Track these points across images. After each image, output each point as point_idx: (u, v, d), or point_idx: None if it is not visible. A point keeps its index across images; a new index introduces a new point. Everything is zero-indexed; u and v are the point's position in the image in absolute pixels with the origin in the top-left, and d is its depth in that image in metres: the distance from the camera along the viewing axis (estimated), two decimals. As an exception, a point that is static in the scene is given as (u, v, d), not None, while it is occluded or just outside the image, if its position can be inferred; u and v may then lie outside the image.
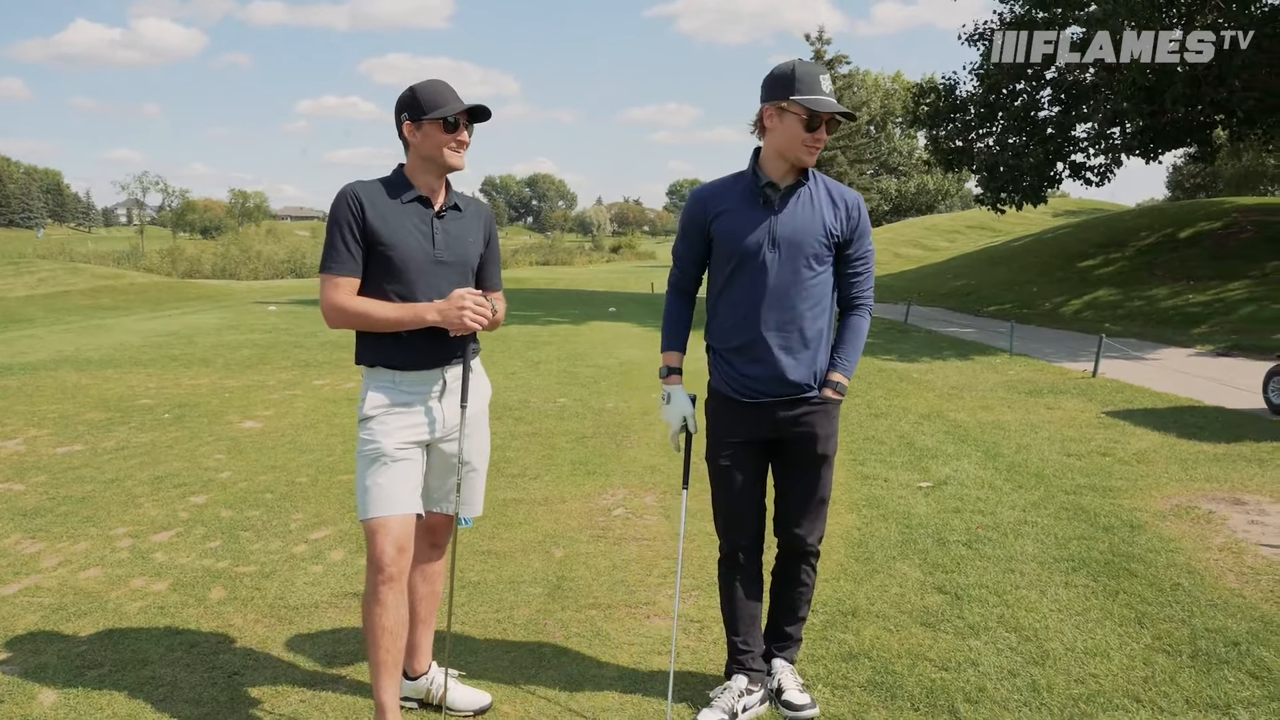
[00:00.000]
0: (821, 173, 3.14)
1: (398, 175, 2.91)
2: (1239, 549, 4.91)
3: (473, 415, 3.02)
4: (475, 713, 3.15)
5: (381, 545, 2.77)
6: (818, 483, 3.18)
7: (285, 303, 25.33)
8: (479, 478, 3.12)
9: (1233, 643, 3.70)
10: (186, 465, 6.58)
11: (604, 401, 9.47)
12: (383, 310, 2.78)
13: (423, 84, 2.83)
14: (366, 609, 2.82)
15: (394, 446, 2.82)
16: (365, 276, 2.82)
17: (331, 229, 2.80)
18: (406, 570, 2.85)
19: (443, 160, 2.84)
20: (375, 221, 2.78)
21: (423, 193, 2.89)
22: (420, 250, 2.84)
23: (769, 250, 3.01)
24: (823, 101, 2.89)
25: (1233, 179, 50.86)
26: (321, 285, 2.81)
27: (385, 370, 2.87)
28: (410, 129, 2.83)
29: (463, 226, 2.96)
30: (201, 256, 52.03)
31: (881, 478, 6.45)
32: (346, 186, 2.82)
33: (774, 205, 3.02)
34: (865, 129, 68.97)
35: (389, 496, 2.79)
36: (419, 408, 2.89)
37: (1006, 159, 23.63)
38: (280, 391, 9.89)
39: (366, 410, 2.85)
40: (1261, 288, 20.22)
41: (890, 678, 3.42)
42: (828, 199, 3.07)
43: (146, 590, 4.25)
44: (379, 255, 2.80)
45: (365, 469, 2.82)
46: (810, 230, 3.02)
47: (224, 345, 14.15)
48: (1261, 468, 6.78)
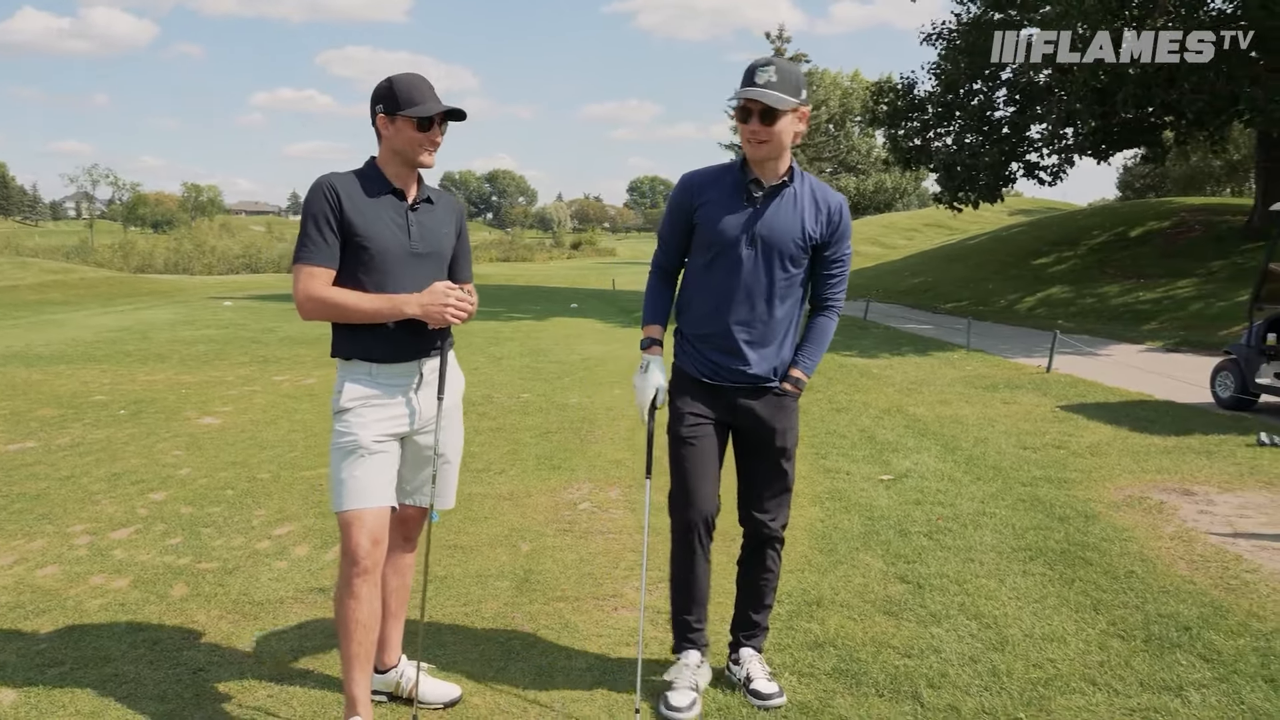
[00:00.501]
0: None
1: (370, 168, 2.89)
2: (1189, 538, 5.05)
3: (449, 407, 3.02)
4: (445, 705, 3.15)
5: (357, 538, 2.76)
6: (778, 472, 3.24)
7: (241, 298, 24.98)
8: (452, 470, 3.13)
9: (1184, 627, 3.81)
10: (144, 462, 6.48)
11: (567, 397, 9.47)
12: (360, 302, 2.76)
13: (401, 78, 2.82)
14: (340, 602, 2.81)
15: (371, 439, 2.81)
16: (340, 268, 2.80)
17: (307, 220, 2.77)
18: (381, 563, 2.85)
19: (413, 157, 2.84)
20: (352, 213, 2.77)
21: (396, 185, 2.88)
22: (396, 242, 2.83)
23: (747, 247, 3.05)
24: (749, 91, 2.92)
25: (1180, 179, 51.99)
26: (296, 276, 2.77)
27: (362, 362, 2.85)
28: (384, 122, 2.82)
29: (436, 219, 2.96)
30: (154, 251, 51.08)
31: (844, 471, 6.54)
32: (322, 178, 2.80)
33: (757, 203, 3.06)
34: (824, 128, 69.48)
35: (365, 489, 2.78)
36: (396, 400, 2.88)
37: (963, 158, 23.95)
38: (239, 387, 9.76)
39: (343, 403, 2.83)
40: (1209, 285, 20.73)
41: (855, 665, 3.47)
42: (811, 201, 3.11)
43: (106, 588, 4.19)
44: (355, 247, 2.78)
45: (340, 461, 2.80)
46: (789, 232, 3.06)
47: (179, 341, 13.93)
48: (1210, 459, 6.97)
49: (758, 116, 2.95)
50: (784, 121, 2.97)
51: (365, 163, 2.92)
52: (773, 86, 2.93)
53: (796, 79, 2.98)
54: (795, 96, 2.95)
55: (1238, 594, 4.22)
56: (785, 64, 2.99)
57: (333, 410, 2.87)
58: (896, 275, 35.07)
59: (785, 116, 2.97)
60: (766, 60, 2.98)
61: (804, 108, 3.03)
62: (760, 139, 2.98)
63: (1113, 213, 35.90)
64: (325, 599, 4.09)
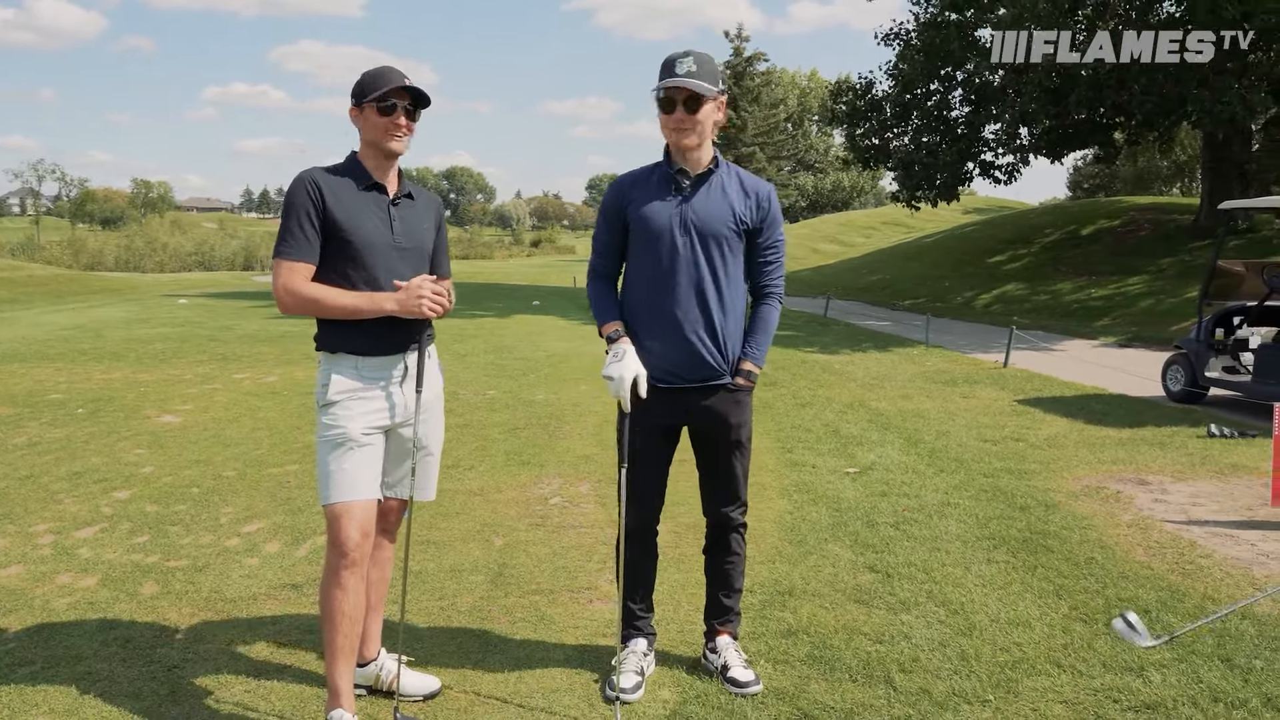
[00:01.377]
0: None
1: (352, 162, 2.92)
2: (1146, 525, 5.20)
3: (430, 400, 3.04)
4: (425, 697, 3.17)
5: (346, 530, 2.77)
6: (736, 463, 3.31)
7: (196, 295, 24.59)
8: (434, 463, 3.15)
9: (1143, 610, 3.93)
10: (106, 460, 6.38)
11: (534, 394, 9.48)
12: (340, 298, 2.78)
13: (370, 69, 2.88)
14: (326, 593, 2.81)
15: (359, 431, 2.82)
16: (323, 262, 2.81)
17: (288, 214, 2.77)
18: (368, 555, 2.86)
19: (384, 144, 2.86)
20: (335, 208, 2.78)
21: (377, 179, 2.90)
22: (380, 236, 2.86)
23: (680, 234, 3.10)
24: (672, 80, 2.99)
25: (1129, 179, 53.10)
26: (276, 270, 2.78)
27: (348, 355, 2.86)
28: (355, 113, 2.87)
29: (417, 214, 3.00)
30: (104, 249, 49.98)
31: (810, 464, 6.62)
32: (304, 172, 2.82)
33: (685, 191, 3.12)
34: (782, 126, 69.96)
35: (354, 481, 2.80)
36: (381, 393, 2.90)
37: (921, 157, 24.30)
38: (198, 385, 9.63)
39: (330, 395, 2.83)
40: (1158, 282, 21.25)
41: (829, 652, 3.54)
42: (739, 187, 3.18)
43: (74, 586, 4.13)
44: (339, 241, 2.80)
45: (328, 453, 2.81)
46: (720, 216, 3.12)
47: (135, 339, 13.69)
48: (1163, 450, 7.17)
49: (682, 105, 3.02)
50: (706, 109, 3.05)
51: (346, 157, 2.94)
52: (693, 76, 3.00)
53: (714, 68, 3.07)
54: (714, 85, 3.04)
55: (1193, 578, 4.37)
56: (702, 54, 3.06)
57: (318, 403, 2.88)
58: (855, 273, 35.46)
59: (707, 104, 3.05)
60: (684, 52, 3.06)
61: (721, 97, 3.11)
62: (684, 126, 3.04)
63: (1064, 212, 36.61)
64: (299, 595, 4.07)
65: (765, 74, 62.71)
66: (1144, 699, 3.20)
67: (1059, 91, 19.97)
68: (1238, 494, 5.95)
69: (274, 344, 13.19)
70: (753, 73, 61.97)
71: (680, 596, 4.06)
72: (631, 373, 3.03)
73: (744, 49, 58.28)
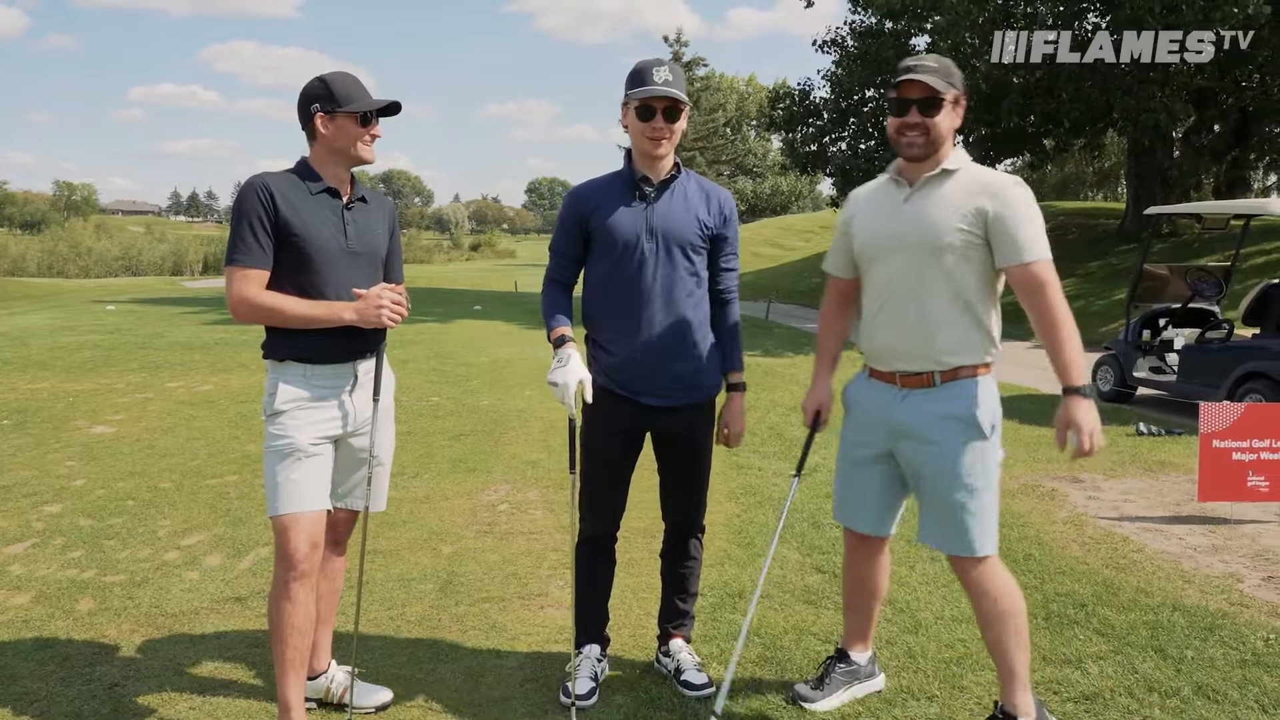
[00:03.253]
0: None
1: (303, 167, 2.87)
2: (1080, 522, 5.37)
3: (382, 409, 3.01)
4: (377, 709, 3.13)
5: (294, 542, 2.73)
6: (697, 473, 3.35)
7: (125, 301, 23.90)
8: (384, 472, 3.11)
9: (1080, 605, 4.06)
10: (35, 473, 6.17)
11: (478, 399, 9.41)
12: (297, 307, 2.74)
13: (334, 76, 2.83)
14: (275, 606, 2.77)
15: (308, 441, 2.78)
16: (275, 268, 2.76)
17: (239, 221, 2.73)
18: (317, 567, 2.82)
19: (355, 154, 2.84)
20: (287, 213, 2.74)
21: (331, 184, 2.87)
22: (333, 241, 2.82)
23: (647, 241, 3.10)
24: (657, 90, 3.01)
25: (1055, 185, 54.60)
26: (229, 278, 2.73)
27: (296, 364, 2.82)
28: (324, 120, 2.80)
29: (370, 218, 2.96)
30: (26, 253, 48.18)
31: (756, 467, 6.69)
32: (254, 177, 2.76)
33: (649, 198, 3.13)
34: (722, 131, 70.50)
35: (303, 492, 2.76)
36: (331, 402, 2.86)
37: (859, 163, 24.70)
38: (130, 395, 9.37)
39: (278, 405, 2.78)
40: (1087, 285, 21.89)
41: (779, 652, 3.59)
42: (699, 192, 3.21)
43: (6, 604, 3.99)
44: (291, 247, 2.75)
45: (275, 464, 2.76)
46: (685, 221, 3.14)
47: (61, 347, 13.25)
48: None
49: (662, 114, 3.04)
50: (682, 118, 3.10)
51: (297, 163, 2.89)
52: (670, 85, 3.03)
53: (683, 78, 3.13)
54: (685, 94, 3.09)
55: (1127, 572, 4.52)
56: (673, 64, 3.11)
57: (264, 413, 2.82)
58: (796, 276, 35.85)
59: (683, 113, 3.09)
60: (657, 61, 3.08)
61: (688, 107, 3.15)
62: (663, 136, 3.06)
63: (996, 216, 37.40)
64: (242, 608, 3.99)
65: (704, 79, 63.11)
66: (1083, 690, 3.31)
67: (991, 99, 20.48)
68: (1166, 490, 6.17)
69: (207, 351, 12.89)
70: (692, 77, 62.36)
71: (631, 601, 4.07)
72: (575, 378, 2.97)
73: (682, 53, 58.53)
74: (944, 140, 2.83)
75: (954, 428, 2.83)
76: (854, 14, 25.63)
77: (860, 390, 3.09)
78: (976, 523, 2.86)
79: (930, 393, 2.87)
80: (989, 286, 2.86)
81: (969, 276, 2.80)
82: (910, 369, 2.89)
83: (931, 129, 2.79)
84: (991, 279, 2.86)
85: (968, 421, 2.82)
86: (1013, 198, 2.74)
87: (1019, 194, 2.75)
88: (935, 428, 2.85)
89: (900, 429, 2.91)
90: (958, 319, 2.83)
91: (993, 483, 2.88)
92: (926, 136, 2.80)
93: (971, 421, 2.82)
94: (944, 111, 2.78)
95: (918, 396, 2.89)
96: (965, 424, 2.82)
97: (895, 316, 2.89)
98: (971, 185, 2.79)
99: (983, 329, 2.88)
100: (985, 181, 2.79)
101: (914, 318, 2.85)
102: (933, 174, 2.83)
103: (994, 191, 2.75)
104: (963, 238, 2.76)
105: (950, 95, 2.78)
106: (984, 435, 2.84)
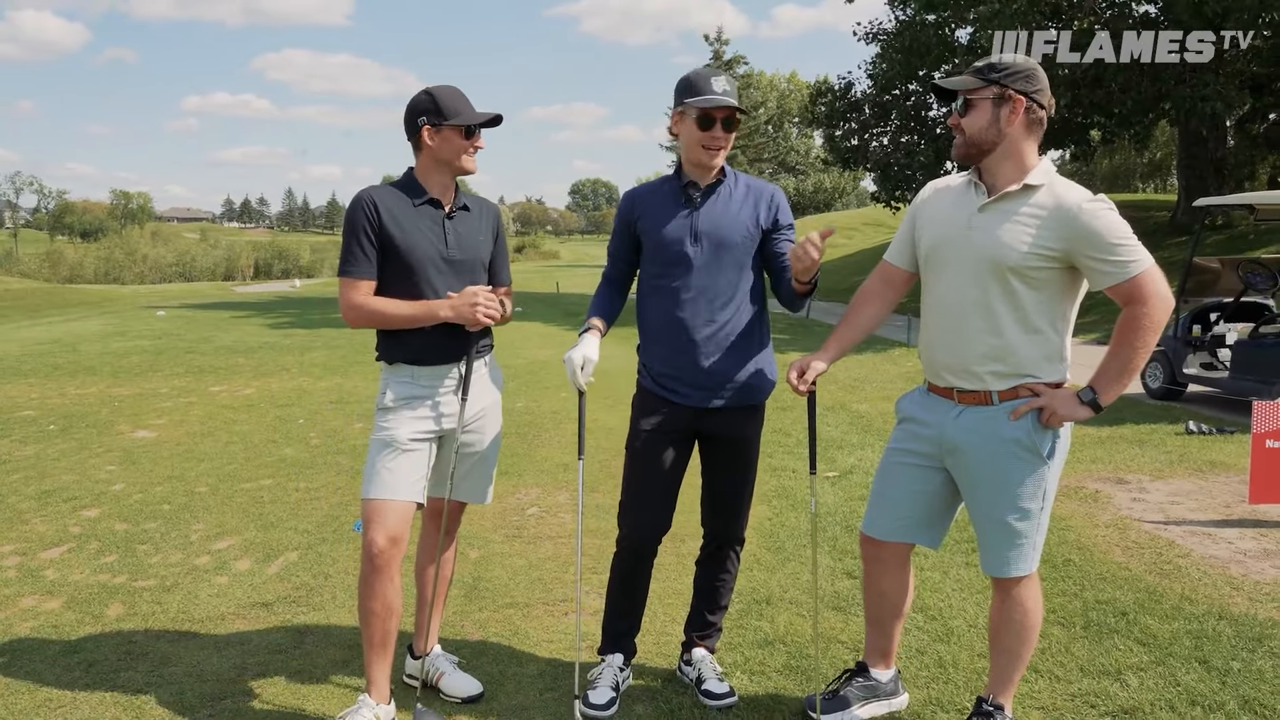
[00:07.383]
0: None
1: (409, 179, 3.05)
2: (1124, 525, 5.20)
3: (488, 407, 3.21)
4: (464, 700, 3.25)
5: (373, 535, 2.91)
6: (744, 480, 3.26)
7: (175, 307, 24.39)
8: (488, 467, 3.29)
9: (1121, 613, 3.92)
10: (76, 478, 6.28)
11: (513, 401, 9.41)
12: (398, 308, 2.95)
13: (440, 90, 2.98)
14: (359, 590, 2.97)
15: (407, 436, 2.98)
16: (382, 277, 2.98)
17: (348, 234, 2.96)
18: (396, 560, 2.95)
19: (459, 165, 3.02)
20: (390, 225, 2.94)
21: (435, 195, 3.03)
22: (433, 249, 2.99)
23: (691, 244, 3.06)
24: (719, 99, 2.97)
25: (1105, 177, 53.48)
26: (340, 287, 2.98)
27: (405, 366, 3.03)
28: (430, 133, 2.96)
29: (472, 225, 3.12)
30: (83, 261, 49.53)
31: (790, 469, 6.60)
32: (362, 192, 2.97)
33: (695, 202, 3.09)
34: (763, 129, 70.16)
35: (393, 482, 2.95)
36: (435, 401, 3.06)
37: (899, 158, 24.41)
38: (174, 399, 9.52)
39: (386, 401, 3.02)
40: (1136, 279, 21.35)
41: (805, 661, 3.51)
42: (746, 193, 3.15)
43: (38, 609, 4.05)
44: (393, 256, 2.95)
45: (378, 452, 2.98)
46: (732, 224, 3.08)
47: (110, 353, 13.54)
48: (1141, 449, 7.18)
49: (721, 124, 3.01)
50: (736, 127, 3.09)
51: (403, 174, 3.08)
52: (728, 94, 3.01)
53: (735, 86, 3.11)
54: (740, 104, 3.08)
55: (1171, 579, 4.35)
56: (727, 74, 3.09)
57: (376, 407, 3.07)
58: (838, 274, 35.44)
59: (738, 122, 3.09)
60: (713, 70, 3.07)
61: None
62: (720, 145, 3.04)
63: (1044, 210, 36.72)
64: (268, 614, 4.00)
65: (745, 77, 62.90)
66: (1122, 703, 3.18)
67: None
68: (1216, 492, 5.96)
69: (251, 355, 13.08)
70: (732, 75, 62.34)
71: (656, 607, 4.00)
72: (582, 354, 3.03)
73: (723, 52, 58.35)
74: (985, 143, 2.66)
75: (1010, 450, 2.70)
76: (896, 7, 25.30)
77: (915, 402, 2.97)
78: (1024, 545, 2.75)
79: (988, 411, 2.74)
80: (1059, 309, 2.68)
81: (1038, 300, 2.64)
82: (968, 386, 2.76)
83: (966, 129, 2.68)
84: (1064, 302, 2.69)
85: (1024, 444, 2.69)
86: (1093, 218, 2.54)
87: (1097, 209, 2.55)
88: (990, 448, 2.72)
89: (953, 445, 2.78)
90: (1022, 340, 2.67)
91: (1046, 505, 2.76)
92: (963, 136, 2.70)
93: (1029, 445, 2.69)
94: (979, 111, 2.66)
95: (974, 414, 2.76)
96: (1022, 446, 2.69)
97: (955, 331, 2.75)
98: (1049, 206, 2.60)
99: (1048, 349, 2.69)
100: (1063, 204, 2.59)
101: (975, 334, 2.70)
102: (1014, 189, 2.65)
103: (1071, 216, 2.56)
104: (1033, 262, 2.60)
105: (986, 92, 2.65)
106: (1041, 458, 2.70)
